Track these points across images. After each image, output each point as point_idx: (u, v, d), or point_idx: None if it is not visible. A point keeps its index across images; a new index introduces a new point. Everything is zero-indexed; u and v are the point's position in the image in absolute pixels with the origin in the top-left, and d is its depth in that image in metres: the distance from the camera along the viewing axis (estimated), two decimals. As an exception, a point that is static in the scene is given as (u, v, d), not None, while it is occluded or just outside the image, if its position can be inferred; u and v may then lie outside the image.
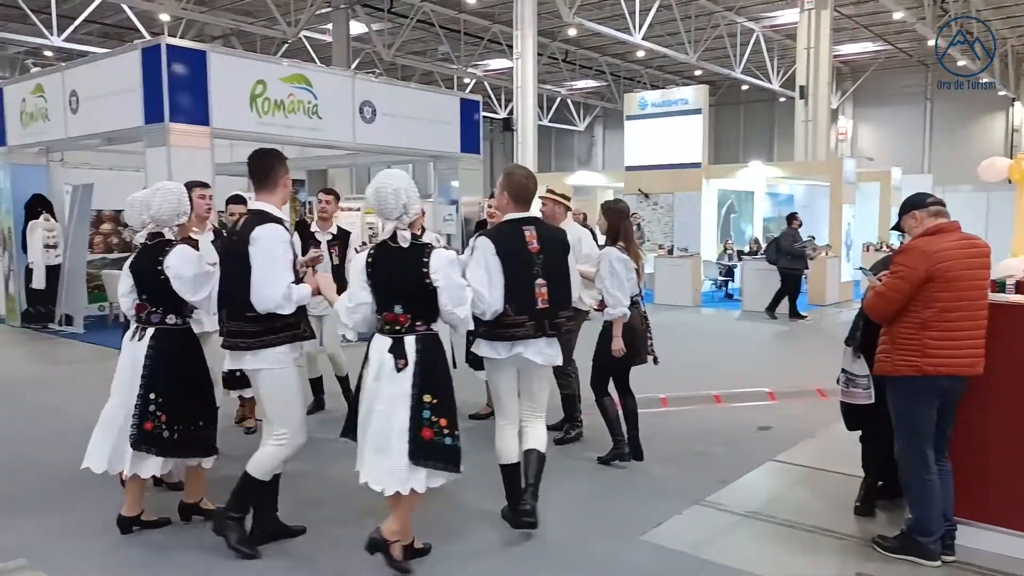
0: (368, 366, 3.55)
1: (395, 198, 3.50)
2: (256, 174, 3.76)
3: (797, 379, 7.83)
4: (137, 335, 3.97)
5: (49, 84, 10.47)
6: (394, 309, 3.51)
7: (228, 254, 3.75)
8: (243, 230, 3.65)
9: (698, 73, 28.93)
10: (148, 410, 3.83)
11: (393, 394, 3.45)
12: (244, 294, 3.56)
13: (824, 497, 4.69)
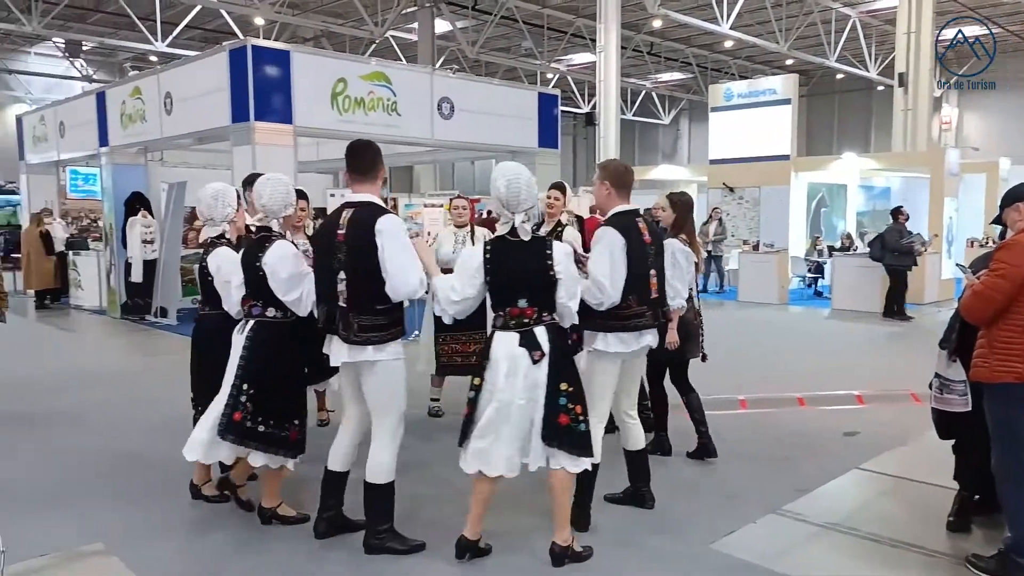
0: (494, 366, 3.51)
1: (528, 190, 3.53)
2: (357, 166, 3.71)
3: (889, 382, 7.43)
4: (242, 327, 4.03)
5: (146, 87, 10.94)
6: (518, 303, 3.51)
7: (352, 248, 3.55)
8: (362, 222, 3.55)
9: (789, 62, 27.95)
10: (239, 400, 3.87)
11: (530, 386, 3.47)
12: (375, 286, 3.53)
13: (913, 510, 4.40)
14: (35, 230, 13.14)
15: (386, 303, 3.56)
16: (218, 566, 3.70)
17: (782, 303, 13.94)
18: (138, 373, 8.28)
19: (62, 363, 8.74)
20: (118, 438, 5.77)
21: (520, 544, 3.86)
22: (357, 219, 3.57)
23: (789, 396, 6.85)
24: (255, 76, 8.83)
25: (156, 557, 3.77)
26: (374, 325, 3.56)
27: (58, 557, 3.76)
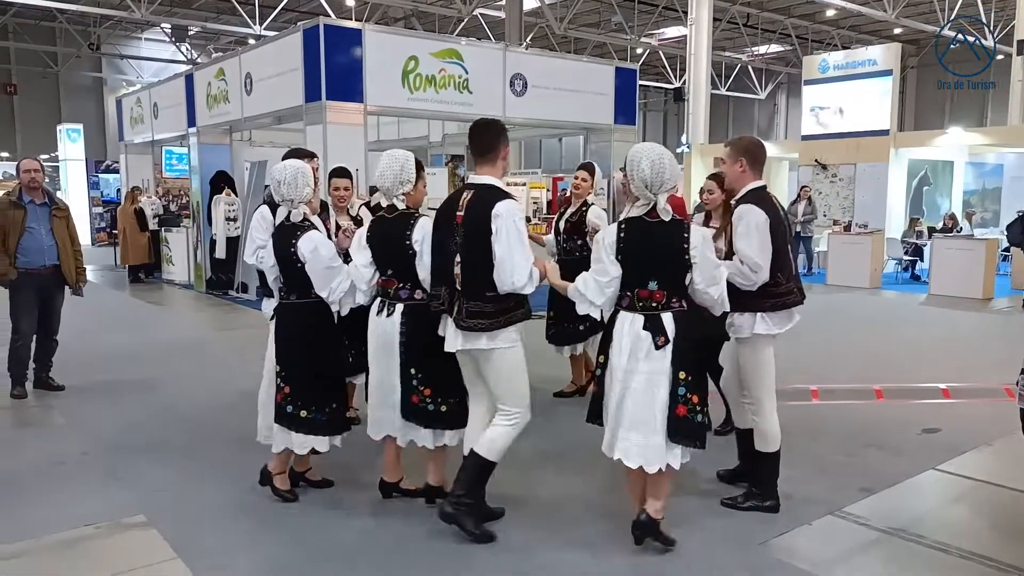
0: (616, 345, 3.47)
1: (672, 170, 3.43)
2: (479, 146, 3.63)
3: (981, 375, 6.88)
4: (386, 311, 3.84)
5: (229, 68, 11.21)
6: (648, 285, 3.42)
7: (469, 231, 3.49)
8: (480, 206, 3.48)
9: (897, 31, 26.37)
10: (411, 384, 3.82)
11: (651, 371, 3.41)
12: (487, 272, 3.46)
13: (990, 517, 4.02)
14: (130, 207, 13.76)
15: (495, 290, 3.48)
16: (258, 549, 3.69)
17: (874, 287, 13.18)
18: (213, 345, 8.56)
19: (144, 335, 9.10)
20: (186, 410, 5.92)
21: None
22: (475, 202, 3.51)
23: (866, 388, 6.43)
24: (327, 55, 8.88)
25: (196, 533, 3.81)
26: (482, 312, 3.48)
27: (100, 528, 3.85)
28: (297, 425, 3.98)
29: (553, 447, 4.98)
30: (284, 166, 4.00)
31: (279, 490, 4.16)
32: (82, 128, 23.26)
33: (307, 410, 3.98)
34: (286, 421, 3.99)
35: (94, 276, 14.96)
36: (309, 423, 3.99)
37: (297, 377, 3.97)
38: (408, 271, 3.80)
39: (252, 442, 4.44)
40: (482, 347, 3.54)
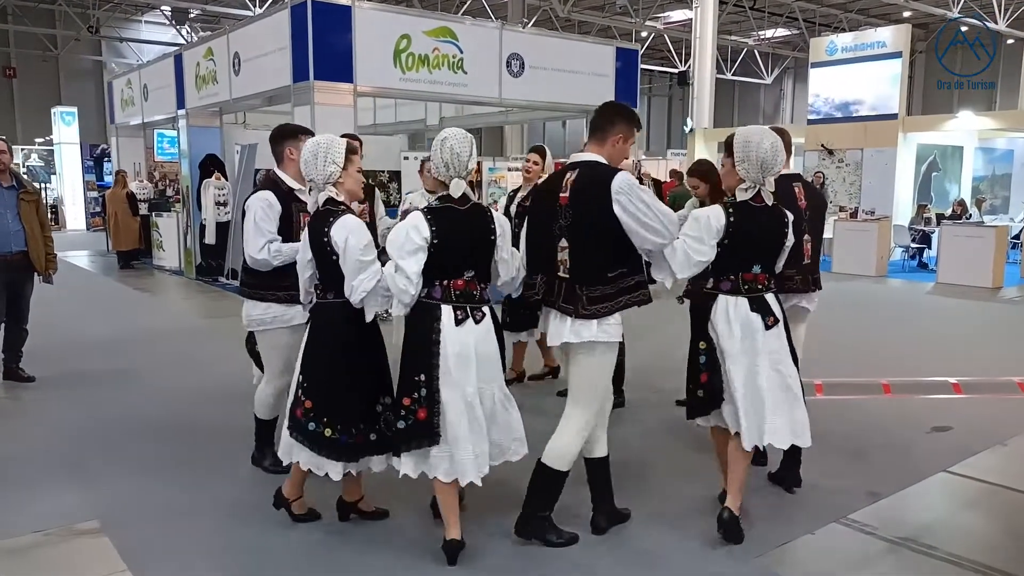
0: (725, 329, 3.45)
1: (773, 153, 3.38)
2: (592, 123, 3.46)
3: (994, 369, 6.58)
4: (472, 318, 3.25)
5: (217, 47, 10.89)
6: (753, 269, 3.46)
7: (580, 212, 3.26)
8: (592, 183, 3.24)
9: (907, 15, 25.84)
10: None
11: (771, 351, 3.45)
12: (604, 253, 3.27)
13: (1007, 526, 3.74)
14: (121, 191, 13.46)
15: (616, 269, 3.27)
16: (214, 558, 3.44)
17: (880, 275, 12.86)
18: (197, 335, 8.29)
19: (127, 323, 8.83)
20: (160, 404, 5.65)
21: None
22: (584, 180, 3.28)
23: (873, 382, 6.13)
24: (315, 33, 8.57)
25: (150, 540, 3.55)
26: (604, 295, 3.26)
27: (51, 534, 3.60)
28: (320, 446, 3.41)
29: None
30: (307, 143, 3.47)
31: (299, 516, 3.67)
32: (76, 111, 22.94)
33: (332, 429, 3.39)
34: (308, 441, 3.43)
35: (86, 262, 14.76)
36: (331, 445, 3.40)
37: (325, 391, 3.41)
38: (488, 269, 3.37)
39: (225, 437, 4.22)
40: (590, 338, 3.26)
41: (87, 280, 12.74)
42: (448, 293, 3.24)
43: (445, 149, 3.24)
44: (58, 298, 8.93)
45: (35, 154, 24.59)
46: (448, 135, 3.28)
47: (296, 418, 3.46)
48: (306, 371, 3.46)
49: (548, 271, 3.36)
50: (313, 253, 3.41)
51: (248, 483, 4.17)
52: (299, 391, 3.46)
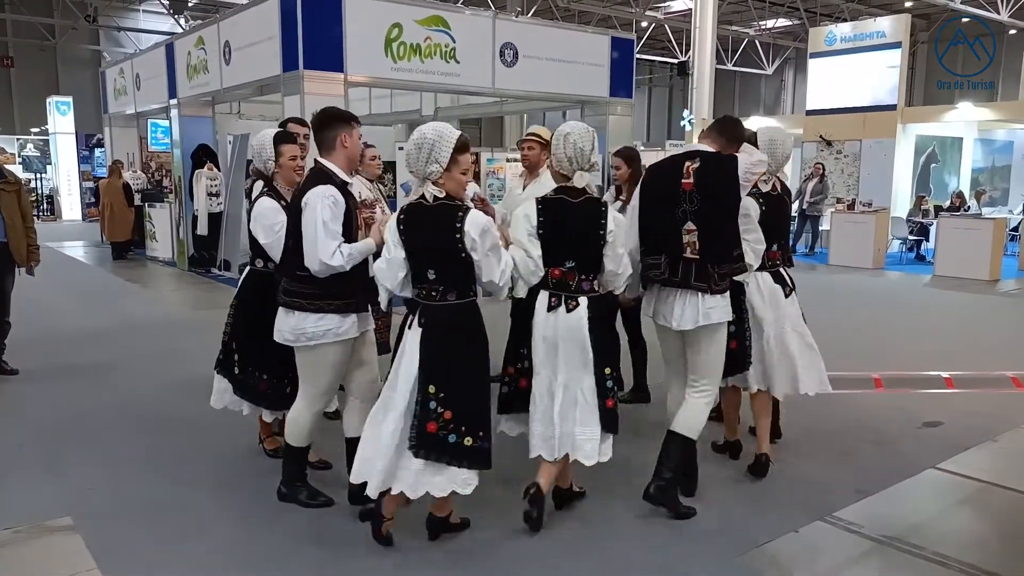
0: (759, 301, 4.06)
1: (783, 147, 4.17)
2: (725, 129, 3.73)
3: (988, 363, 6.50)
4: (564, 306, 3.38)
5: (208, 36, 10.76)
6: (773, 247, 4.08)
7: (708, 196, 3.51)
8: (720, 171, 3.53)
9: (909, 4, 25.63)
10: (607, 387, 3.46)
11: (791, 315, 4.15)
12: (731, 234, 3.60)
13: (997, 525, 3.68)
14: (117, 182, 13.34)
15: (739, 248, 3.63)
16: (187, 557, 3.37)
17: (877, 268, 12.76)
18: (186, 326, 8.21)
19: (117, 314, 8.75)
20: (142, 397, 5.58)
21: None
22: (708, 169, 3.53)
23: (865, 376, 6.06)
24: (305, 21, 8.41)
25: (123, 538, 3.49)
26: (732, 271, 3.61)
27: (21, 531, 3.53)
28: (462, 458, 3.20)
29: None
30: (415, 133, 3.23)
31: (383, 537, 3.37)
32: (72, 101, 22.81)
33: (474, 436, 3.20)
34: (448, 455, 3.18)
35: (80, 252, 14.68)
36: (474, 454, 3.21)
37: (462, 397, 3.20)
38: (596, 260, 3.41)
39: (205, 433, 4.15)
40: (717, 320, 3.58)
41: (79, 271, 12.66)
42: (546, 280, 3.41)
43: (568, 144, 3.43)
44: (48, 289, 8.87)
45: (31, 144, 24.49)
46: (570, 130, 3.46)
47: (428, 434, 3.15)
48: (439, 380, 3.18)
49: (671, 252, 3.56)
50: (429, 252, 3.19)
51: (226, 481, 4.10)
52: (433, 403, 3.16)
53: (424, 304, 3.23)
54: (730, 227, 3.58)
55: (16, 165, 22.46)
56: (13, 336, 6.20)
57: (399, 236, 3.21)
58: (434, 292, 3.20)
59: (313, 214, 3.32)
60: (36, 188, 22.79)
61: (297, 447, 3.71)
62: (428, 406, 3.15)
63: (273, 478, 3.92)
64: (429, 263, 3.18)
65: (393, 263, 3.23)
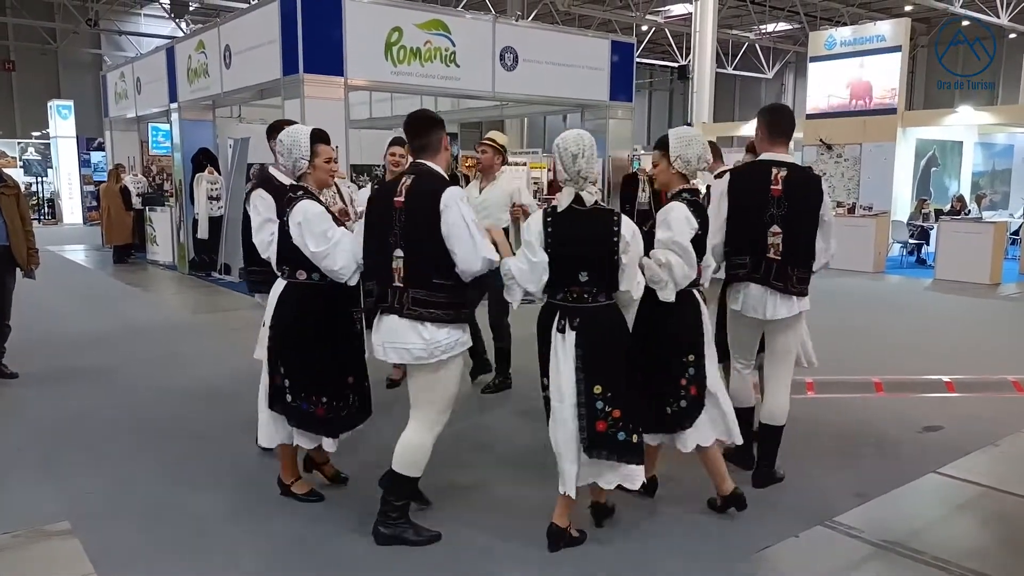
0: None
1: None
2: (784, 128, 3.98)
3: (988, 367, 6.49)
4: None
5: (208, 40, 10.78)
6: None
7: (794, 202, 3.76)
8: (804, 181, 3.84)
9: (908, 9, 25.65)
10: (596, 409, 3.35)
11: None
12: (810, 241, 3.84)
13: (996, 530, 3.66)
14: (115, 185, 13.36)
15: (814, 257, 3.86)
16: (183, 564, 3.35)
17: (877, 271, 12.76)
18: (187, 330, 8.21)
19: (117, 318, 8.76)
20: (141, 401, 5.57)
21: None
22: (798, 178, 3.81)
23: (865, 380, 6.05)
24: (305, 25, 8.44)
25: (121, 543, 3.47)
26: (807, 277, 3.87)
27: (19, 535, 3.52)
28: (632, 455, 3.29)
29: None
30: (570, 137, 3.29)
31: (575, 539, 3.42)
32: (73, 105, 22.83)
33: (638, 433, 3.31)
34: (618, 453, 3.25)
35: (81, 256, 14.69)
36: (638, 449, 3.32)
37: (625, 395, 3.27)
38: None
39: (204, 437, 4.13)
40: (793, 312, 3.87)
41: (80, 274, 12.67)
42: (697, 279, 3.60)
43: (687, 143, 3.56)
44: (49, 293, 8.87)
45: (32, 148, 24.51)
46: (681, 133, 3.62)
47: (599, 433, 3.22)
48: (604, 381, 3.22)
49: (754, 252, 3.82)
50: (597, 254, 3.22)
51: (224, 485, 4.09)
52: (597, 404, 3.20)
53: (574, 307, 3.24)
54: (813, 235, 3.85)
55: (17, 169, 22.51)
56: (13, 339, 6.20)
57: (545, 239, 3.24)
58: (586, 294, 3.24)
59: (458, 214, 3.19)
60: (37, 192, 22.83)
61: (411, 477, 3.39)
62: (595, 406, 3.21)
63: (271, 480, 3.92)
64: (583, 266, 3.22)
65: (538, 266, 3.24)
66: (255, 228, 3.94)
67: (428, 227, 3.19)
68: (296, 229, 3.51)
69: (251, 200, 3.98)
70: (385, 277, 3.28)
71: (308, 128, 3.75)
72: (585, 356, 3.20)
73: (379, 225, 3.31)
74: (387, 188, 3.38)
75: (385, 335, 3.29)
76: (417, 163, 3.38)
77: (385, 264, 3.27)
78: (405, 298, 3.23)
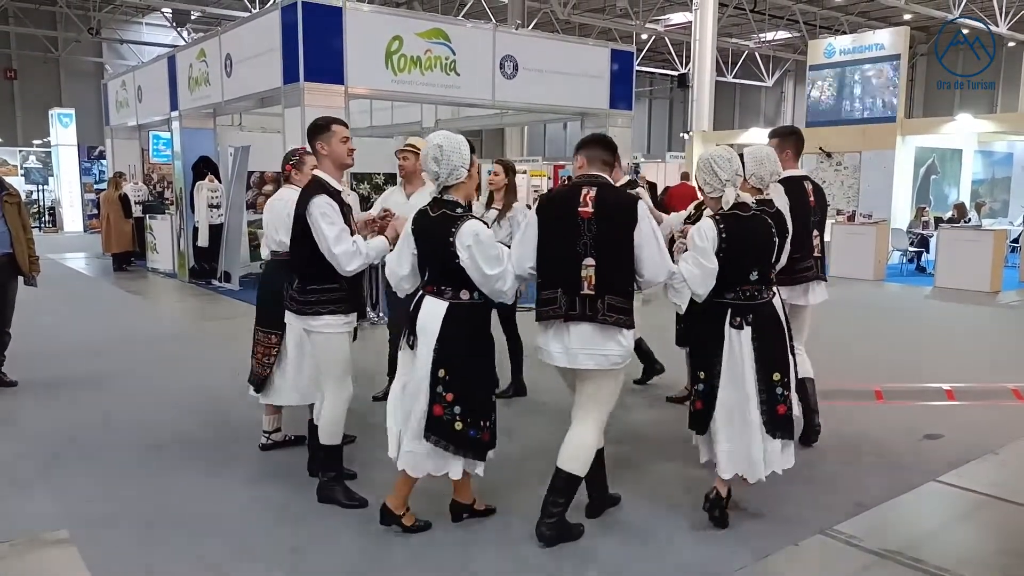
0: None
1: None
2: (793, 141, 4.66)
3: (987, 375, 6.48)
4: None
5: (210, 48, 10.82)
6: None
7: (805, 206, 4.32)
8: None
9: (907, 17, 25.74)
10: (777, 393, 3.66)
11: None
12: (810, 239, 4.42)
13: (997, 539, 3.65)
14: (114, 193, 13.39)
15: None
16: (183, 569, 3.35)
17: (877, 279, 12.75)
18: (186, 339, 8.20)
19: (117, 326, 8.76)
20: (140, 410, 5.55)
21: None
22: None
23: (865, 388, 6.04)
24: (306, 34, 8.47)
25: (119, 551, 3.47)
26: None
27: (17, 544, 3.52)
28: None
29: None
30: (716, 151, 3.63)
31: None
32: (74, 113, 22.89)
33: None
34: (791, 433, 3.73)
35: (81, 264, 14.70)
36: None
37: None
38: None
39: (201, 446, 4.11)
40: (815, 301, 4.69)
41: (80, 282, 12.67)
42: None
43: (761, 162, 3.87)
44: (49, 301, 8.87)
45: (33, 156, 24.57)
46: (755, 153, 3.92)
47: (781, 416, 3.62)
48: (780, 368, 3.64)
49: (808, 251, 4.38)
50: (767, 253, 3.68)
51: (222, 494, 4.09)
52: (777, 390, 3.62)
53: (747, 304, 3.56)
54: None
55: (18, 177, 22.56)
56: (13, 347, 6.20)
57: (720, 243, 3.47)
58: (757, 292, 3.57)
59: (649, 227, 3.35)
60: (38, 200, 22.87)
61: (579, 476, 3.47)
62: (775, 391, 3.56)
63: (271, 486, 3.92)
64: (756, 265, 3.56)
65: (709, 272, 3.48)
66: (333, 239, 3.56)
67: (622, 236, 3.30)
68: (466, 252, 3.28)
69: (315, 209, 3.58)
70: (573, 285, 3.30)
71: (461, 135, 3.52)
72: (764, 348, 3.54)
73: (562, 234, 3.35)
74: (563, 197, 3.45)
75: (579, 342, 3.33)
76: (591, 175, 3.45)
77: (573, 272, 3.30)
78: (600, 305, 3.28)
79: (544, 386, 5.64)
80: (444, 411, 3.32)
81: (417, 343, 3.38)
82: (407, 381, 3.43)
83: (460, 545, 3.48)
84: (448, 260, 3.31)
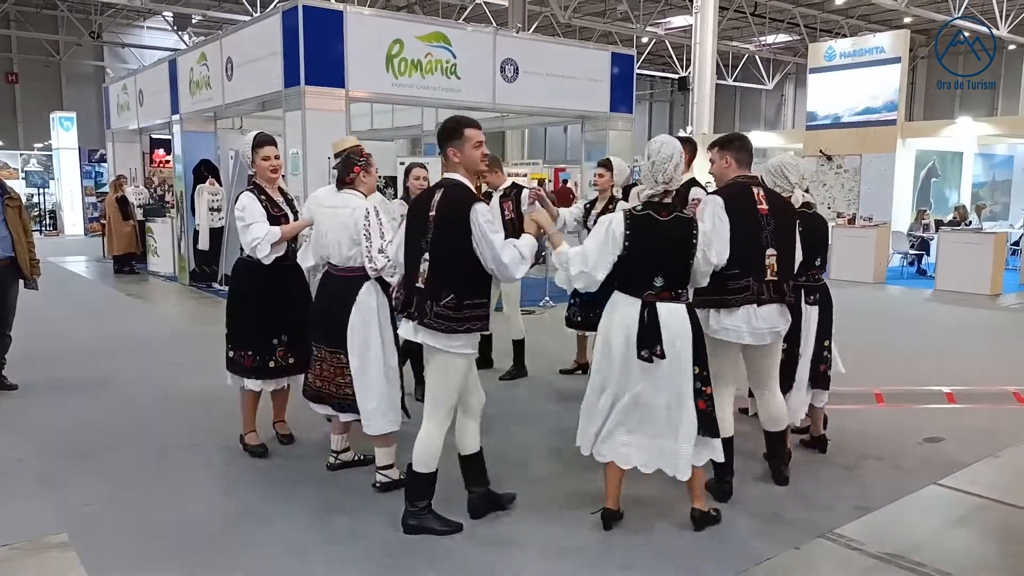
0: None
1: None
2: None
3: (988, 378, 6.48)
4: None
5: (211, 52, 10.83)
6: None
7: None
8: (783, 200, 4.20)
9: (907, 21, 25.75)
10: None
11: None
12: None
13: (1000, 542, 3.65)
14: (113, 196, 13.40)
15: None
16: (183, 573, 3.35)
17: (878, 282, 12.75)
18: (186, 342, 8.20)
19: (117, 329, 8.76)
20: (141, 413, 5.56)
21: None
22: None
23: (865, 391, 6.04)
24: (307, 38, 8.48)
25: (119, 555, 3.47)
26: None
27: (17, 548, 3.51)
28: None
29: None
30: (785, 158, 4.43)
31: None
32: (75, 117, 22.90)
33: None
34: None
35: (82, 267, 14.71)
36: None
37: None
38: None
39: (202, 450, 4.11)
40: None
41: (81, 285, 12.68)
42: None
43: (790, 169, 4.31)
44: (49, 304, 8.87)
45: (34, 159, 24.59)
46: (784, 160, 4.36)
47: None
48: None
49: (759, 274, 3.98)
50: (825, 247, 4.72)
51: (223, 498, 4.09)
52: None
53: (814, 285, 4.47)
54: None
55: (19, 180, 22.56)
56: (13, 351, 6.20)
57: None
58: (818, 275, 4.49)
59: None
60: (39, 203, 22.88)
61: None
62: (823, 355, 4.63)
63: (271, 489, 3.91)
64: (817, 253, 4.46)
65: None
66: (500, 247, 3.37)
67: (793, 226, 4.12)
68: (700, 253, 3.62)
69: (480, 217, 3.35)
70: (759, 272, 3.86)
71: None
72: (821, 320, 4.48)
73: (748, 229, 3.87)
74: (736, 197, 3.91)
75: (767, 321, 3.89)
76: (751, 176, 4.07)
77: (758, 259, 3.88)
78: (781, 288, 3.92)
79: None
80: (706, 404, 3.56)
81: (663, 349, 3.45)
82: (640, 391, 3.50)
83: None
84: (688, 259, 3.53)
